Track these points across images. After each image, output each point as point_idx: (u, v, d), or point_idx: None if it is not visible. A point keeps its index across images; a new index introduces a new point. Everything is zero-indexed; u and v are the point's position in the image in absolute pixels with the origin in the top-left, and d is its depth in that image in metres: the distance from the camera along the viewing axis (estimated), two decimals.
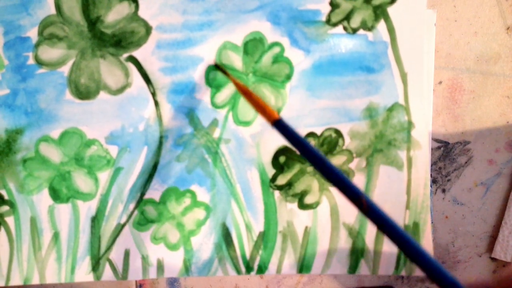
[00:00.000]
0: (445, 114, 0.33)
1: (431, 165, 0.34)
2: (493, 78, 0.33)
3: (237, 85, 0.29)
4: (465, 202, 0.34)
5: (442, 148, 0.34)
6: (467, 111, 0.33)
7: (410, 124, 0.32)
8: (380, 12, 0.31)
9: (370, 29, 0.31)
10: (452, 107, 0.33)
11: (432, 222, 0.34)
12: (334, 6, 0.31)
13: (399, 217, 0.32)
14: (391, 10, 0.31)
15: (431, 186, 0.34)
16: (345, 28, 0.31)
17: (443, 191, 0.34)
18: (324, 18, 0.31)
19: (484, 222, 0.35)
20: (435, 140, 0.34)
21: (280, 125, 0.25)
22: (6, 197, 0.33)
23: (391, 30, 0.31)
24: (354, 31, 0.31)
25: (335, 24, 0.31)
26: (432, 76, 0.32)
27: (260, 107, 0.27)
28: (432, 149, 0.34)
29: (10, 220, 0.33)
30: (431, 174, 0.34)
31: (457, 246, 0.35)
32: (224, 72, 0.31)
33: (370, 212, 0.21)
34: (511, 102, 0.33)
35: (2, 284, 0.33)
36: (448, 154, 0.34)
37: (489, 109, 0.33)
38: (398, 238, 0.20)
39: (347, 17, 0.31)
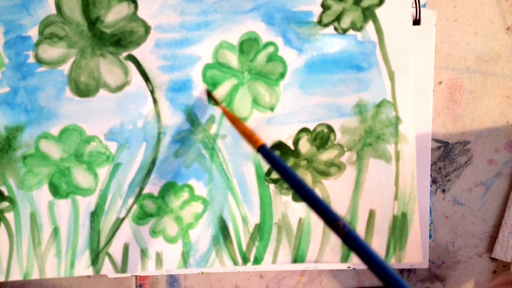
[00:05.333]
0: (445, 114, 0.34)
1: (431, 165, 0.34)
2: (493, 78, 0.33)
3: (225, 113, 0.32)
4: (465, 202, 0.35)
5: (442, 148, 0.34)
6: (467, 111, 0.34)
7: (397, 119, 0.33)
8: (368, 14, 0.32)
9: (359, 29, 0.33)
10: (452, 107, 0.34)
11: (432, 222, 0.35)
12: (325, 7, 0.32)
13: (388, 207, 0.34)
14: (379, 11, 0.32)
15: (430, 186, 0.34)
16: (335, 29, 0.33)
17: (443, 191, 0.34)
18: (316, 19, 0.33)
19: (484, 222, 0.35)
20: (435, 140, 0.34)
21: (264, 151, 0.27)
22: (6, 193, 0.33)
23: (379, 30, 0.33)
24: (344, 31, 0.33)
25: (326, 25, 0.33)
26: (432, 76, 0.33)
27: (247, 134, 0.29)
28: (432, 149, 0.34)
29: (10, 216, 0.33)
30: (431, 174, 0.34)
31: (457, 246, 0.35)
32: (213, 99, 0.32)
33: (347, 236, 0.22)
34: (511, 102, 0.33)
35: (2, 279, 0.33)
36: (448, 154, 0.34)
37: (489, 109, 0.34)
38: (374, 264, 0.21)
39: (338, 18, 0.33)
